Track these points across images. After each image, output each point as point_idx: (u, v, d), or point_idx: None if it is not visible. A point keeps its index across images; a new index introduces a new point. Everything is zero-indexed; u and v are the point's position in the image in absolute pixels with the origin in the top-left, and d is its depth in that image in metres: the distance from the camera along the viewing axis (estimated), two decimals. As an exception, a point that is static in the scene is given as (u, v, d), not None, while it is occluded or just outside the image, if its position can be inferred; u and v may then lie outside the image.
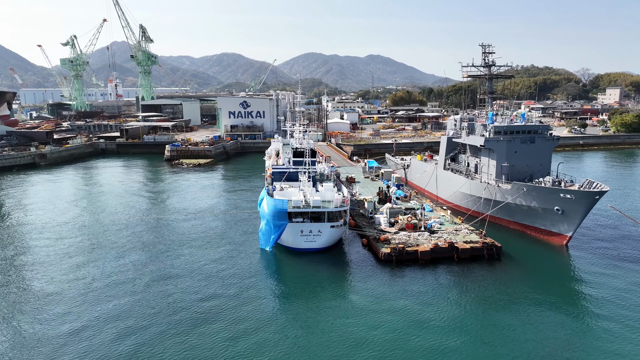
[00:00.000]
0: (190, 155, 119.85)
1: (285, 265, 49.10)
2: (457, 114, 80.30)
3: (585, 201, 49.00)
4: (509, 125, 60.31)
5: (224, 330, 35.04)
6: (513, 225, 58.65)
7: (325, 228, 50.16)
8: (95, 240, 56.16)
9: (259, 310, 38.29)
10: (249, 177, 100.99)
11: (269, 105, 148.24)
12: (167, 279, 44.52)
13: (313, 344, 33.34)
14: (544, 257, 50.41)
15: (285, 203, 49.40)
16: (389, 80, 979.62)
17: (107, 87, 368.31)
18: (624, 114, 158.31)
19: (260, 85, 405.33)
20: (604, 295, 40.69)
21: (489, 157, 61.84)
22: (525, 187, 53.74)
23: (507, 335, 34.32)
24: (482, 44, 68.61)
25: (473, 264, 47.82)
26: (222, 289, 42.31)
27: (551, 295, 41.16)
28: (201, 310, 38.08)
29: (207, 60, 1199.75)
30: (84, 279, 44.44)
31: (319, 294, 41.36)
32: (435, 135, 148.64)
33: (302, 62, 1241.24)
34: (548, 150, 60.80)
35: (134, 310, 38.05)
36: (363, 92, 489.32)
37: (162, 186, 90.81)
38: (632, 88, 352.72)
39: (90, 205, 74.72)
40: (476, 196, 61.56)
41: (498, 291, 41.65)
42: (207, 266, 47.73)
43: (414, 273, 45.63)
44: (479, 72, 68.85)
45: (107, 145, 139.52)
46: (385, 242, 50.62)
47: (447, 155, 71.79)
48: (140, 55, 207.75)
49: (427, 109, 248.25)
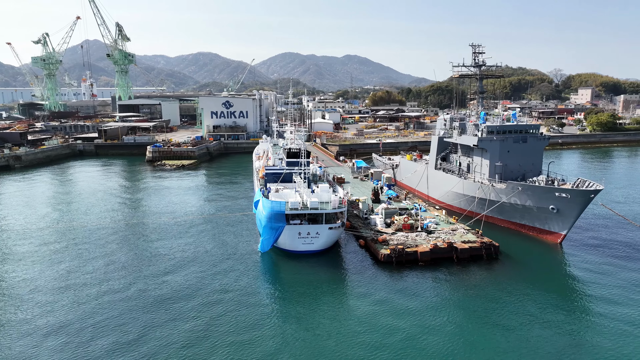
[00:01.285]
0: (173, 157, 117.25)
1: (284, 268, 48.08)
2: (448, 114, 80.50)
3: (580, 200, 49.58)
4: (502, 125, 60.71)
5: (225, 336, 33.89)
6: (506, 224, 59.02)
7: (323, 230, 49.36)
8: (79, 247, 53.89)
9: (261, 316, 37.18)
10: (235, 178, 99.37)
11: (252, 105, 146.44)
12: (161, 286, 42.94)
13: (320, 351, 32.49)
14: (541, 256, 50.78)
15: (282, 205, 48.36)
16: (366, 80, 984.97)
17: (81, 87, 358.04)
18: (599, 114, 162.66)
19: (239, 85, 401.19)
20: (604, 292, 41.13)
21: (481, 156, 62.11)
22: (520, 186, 54.09)
23: (514, 336, 34.18)
24: (472, 44, 69.07)
25: (472, 264, 47.77)
26: (220, 294, 41.00)
27: (552, 293, 41.40)
28: (200, 316, 36.81)
29: (182, 59, 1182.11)
30: (67, 289, 42.41)
31: (320, 298, 40.50)
32: (419, 135, 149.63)
33: (279, 61, 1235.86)
34: (539, 150, 61.49)
35: (128, 321, 36.42)
36: (342, 92, 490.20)
37: (146, 188, 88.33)
38: (602, 88, 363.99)
39: (72, 209, 71.95)
40: (470, 196, 61.74)
41: (501, 291, 41.61)
42: (203, 271, 46.30)
43: (414, 274, 45.24)
44: (469, 72, 69.16)
45: (85, 146, 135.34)
46: (383, 243, 50.14)
47: (439, 155, 71.89)
48: (117, 54, 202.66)
49: (407, 109, 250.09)
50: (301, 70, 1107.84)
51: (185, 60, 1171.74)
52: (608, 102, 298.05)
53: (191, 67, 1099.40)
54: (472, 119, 66.73)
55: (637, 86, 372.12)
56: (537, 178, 56.68)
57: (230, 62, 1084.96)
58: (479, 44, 68.73)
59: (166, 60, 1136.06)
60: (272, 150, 73.41)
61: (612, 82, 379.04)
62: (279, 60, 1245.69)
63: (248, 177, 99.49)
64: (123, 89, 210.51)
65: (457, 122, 68.31)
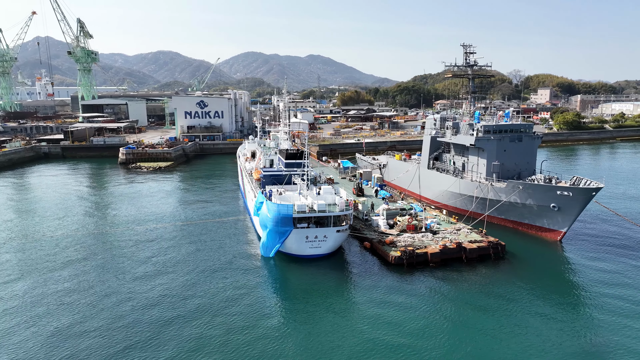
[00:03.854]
0: (148, 158, 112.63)
1: (290, 273, 46.38)
2: (438, 113, 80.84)
3: (582, 197, 50.52)
4: (498, 125, 61.25)
5: (235, 350, 32.10)
6: (505, 222, 59.53)
7: (331, 233, 48.03)
8: (61, 257, 50.31)
9: (273, 328, 35.45)
10: (217, 180, 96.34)
11: (227, 105, 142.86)
12: (164, 295, 40.44)
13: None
14: (545, 254, 51.36)
15: (290, 208, 46.67)
16: (330, 80, 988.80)
17: (36, 86, 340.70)
18: (565, 113, 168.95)
19: (203, 85, 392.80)
20: (620, 290, 41.88)
21: (478, 156, 62.46)
22: (522, 185, 54.63)
23: (533, 336, 34.10)
24: (463, 44, 69.49)
25: (480, 264, 47.77)
26: (227, 306, 38.88)
27: (563, 291, 41.90)
28: (211, 323, 34.86)
29: (142, 58, 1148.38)
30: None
31: (335, 306, 39.02)
32: (396, 135, 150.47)
33: (242, 61, 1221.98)
34: (534, 149, 62.48)
35: (133, 335, 33.93)
36: (308, 91, 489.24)
37: (124, 193, 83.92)
38: (558, 89, 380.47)
39: (44, 217, 67.29)
40: (467, 195, 61.96)
41: (515, 290, 41.65)
42: (207, 281, 44.05)
43: (426, 276, 44.67)
44: (461, 72, 69.55)
45: (50, 148, 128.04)
46: (391, 245, 49.37)
47: (431, 154, 71.92)
48: (79, 51, 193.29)
49: (378, 109, 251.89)
50: (265, 70, 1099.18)
51: (144, 59, 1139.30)
52: (565, 102, 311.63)
53: (151, 66, 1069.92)
54: (466, 118, 67.06)
55: (589, 87, 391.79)
56: (536, 177, 57.48)
57: (192, 61, 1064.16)
58: (470, 44, 69.29)
59: (124, 59, 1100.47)
60: (264, 152, 71.18)
61: (567, 83, 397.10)
62: (242, 59, 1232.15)
63: (230, 179, 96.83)
64: (86, 88, 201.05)
65: (450, 121, 68.47)
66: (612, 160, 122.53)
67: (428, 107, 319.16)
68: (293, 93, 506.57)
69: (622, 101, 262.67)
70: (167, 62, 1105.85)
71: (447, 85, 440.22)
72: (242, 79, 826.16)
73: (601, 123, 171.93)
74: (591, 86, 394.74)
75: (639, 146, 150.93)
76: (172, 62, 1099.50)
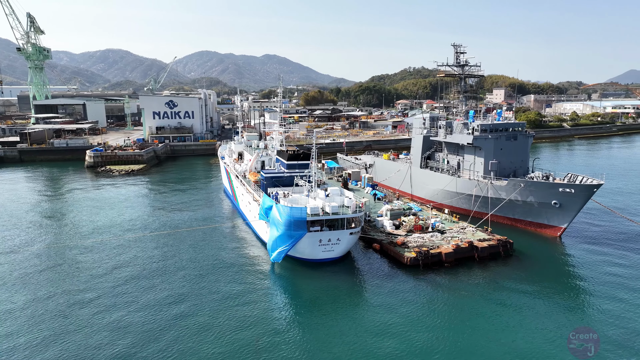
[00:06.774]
0: (119, 161, 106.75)
1: (302, 278, 44.71)
2: (427, 112, 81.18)
3: (584, 194, 51.81)
4: (495, 124, 62.03)
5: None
6: (504, 220, 60.16)
7: (344, 236, 46.70)
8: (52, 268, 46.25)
9: (292, 338, 33.87)
10: (196, 183, 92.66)
11: (198, 105, 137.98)
12: (171, 304, 37.77)
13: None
14: (548, 249, 52.33)
15: (303, 211, 44.96)
16: (287, 80, 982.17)
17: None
18: (527, 112, 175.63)
19: (159, 85, 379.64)
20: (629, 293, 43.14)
21: (475, 154, 62.96)
22: (523, 183, 55.43)
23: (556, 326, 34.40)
24: (454, 44, 70.08)
25: (491, 262, 48.03)
26: (239, 314, 36.95)
27: (574, 285, 42.74)
28: (218, 332, 32.89)
29: (89, 56, 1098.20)
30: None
31: (356, 311, 38.16)
32: (369, 134, 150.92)
33: (196, 60, 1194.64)
34: (527, 147, 63.73)
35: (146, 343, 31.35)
36: (267, 91, 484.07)
37: (100, 198, 78.61)
38: (510, 88, 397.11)
39: (20, 226, 61.98)
40: (465, 194, 62.32)
41: (530, 287, 42.21)
42: (218, 289, 41.64)
43: (442, 277, 44.37)
44: (453, 71, 70.09)
45: (5, 152, 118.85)
46: (403, 246, 48.68)
47: (424, 154, 72.00)
48: (30, 48, 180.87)
49: (344, 109, 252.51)
50: (220, 70, 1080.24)
51: (92, 57, 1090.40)
52: (517, 102, 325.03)
53: (100, 65, 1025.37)
54: (459, 118, 67.55)
55: (538, 87, 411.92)
56: (534, 174, 58.57)
57: (143, 60, 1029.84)
58: (460, 44, 69.94)
59: (70, 57, 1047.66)
60: (255, 152, 68.73)
61: (519, 83, 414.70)
62: (196, 58, 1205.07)
63: (208, 181, 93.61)
64: (38, 87, 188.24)
65: (442, 121, 68.77)
66: (580, 157, 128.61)
67: (388, 106, 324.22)
68: (251, 93, 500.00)
69: (572, 101, 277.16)
70: (116, 60, 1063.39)
71: (406, 85, 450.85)
72: (197, 78, 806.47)
73: (560, 122, 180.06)
74: (540, 87, 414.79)
75: (594, 143, 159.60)
76: (122, 60, 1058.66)
